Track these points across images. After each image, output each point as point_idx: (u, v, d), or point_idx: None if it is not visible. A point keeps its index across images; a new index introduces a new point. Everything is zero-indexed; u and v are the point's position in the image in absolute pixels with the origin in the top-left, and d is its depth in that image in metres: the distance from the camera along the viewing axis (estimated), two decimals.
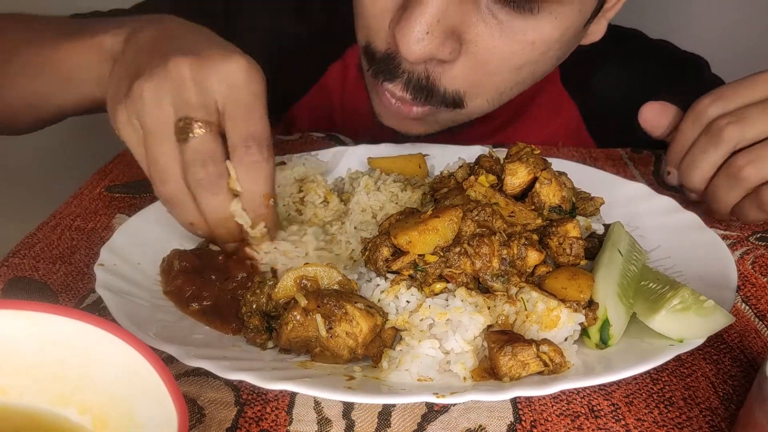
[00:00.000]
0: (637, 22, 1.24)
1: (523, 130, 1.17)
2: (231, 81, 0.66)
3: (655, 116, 0.86)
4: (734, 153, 0.77)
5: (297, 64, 1.17)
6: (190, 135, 0.65)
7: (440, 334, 0.60)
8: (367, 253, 0.65)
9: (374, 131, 1.06)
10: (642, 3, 1.68)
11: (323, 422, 0.56)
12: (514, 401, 0.58)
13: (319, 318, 0.59)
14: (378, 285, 0.64)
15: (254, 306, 0.64)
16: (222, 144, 0.67)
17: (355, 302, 0.60)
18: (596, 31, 0.92)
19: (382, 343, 0.62)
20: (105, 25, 0.80)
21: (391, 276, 0.64)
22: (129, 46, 0.74)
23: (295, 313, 0.59)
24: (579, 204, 0.76)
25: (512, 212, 0.68)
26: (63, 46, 0.83)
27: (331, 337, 0.59)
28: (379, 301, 0.63)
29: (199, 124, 0.65)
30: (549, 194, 0.70)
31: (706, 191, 0.81)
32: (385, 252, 0.64)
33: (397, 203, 0.80)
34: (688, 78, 1.18)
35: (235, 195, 0.68)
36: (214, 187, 0.66)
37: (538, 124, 1.17)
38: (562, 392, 0.59)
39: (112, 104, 0.69)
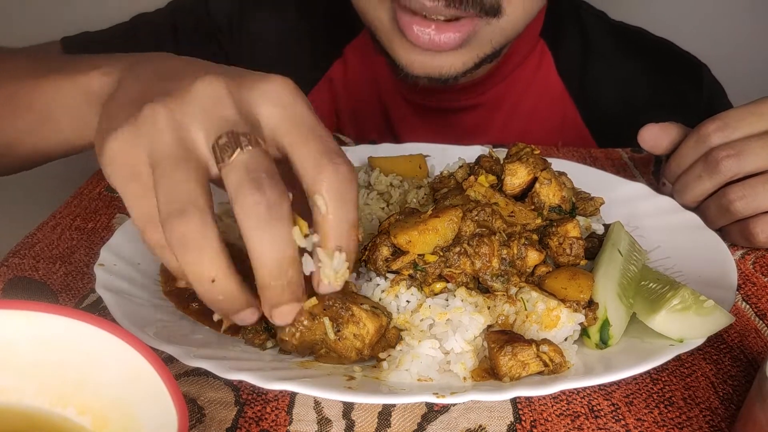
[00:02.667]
0: (644, 19, 1.25)
1: (523, 116, 1.18)
2: (279, 100, 0.54)
3: (653, 138, 0.86)
4: (729, 182, 0.78)
5: (302, 62, 1.18)
6: (237, 150, 0.50)
7: (440, 334, 0.60)
8: (366, 252, 0.65)
9: (380, 127, 1.06)
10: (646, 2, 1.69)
11: (323, 422, 0.56)
12: (514, 401, 0.58)
13: (327, 321, 0.58)
14: (378, 285, 0.64)
15: None
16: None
17: (361, 303, 0.60)
18: None
19: (387, 343, 0.61)
20: (94, 61, 0.68)
21: (390, 276, 0.64)
22: (124, 82, 0.62)
23: (302, 318, 0.59)
24: (579, 204, 0.76)
25: (512, 212, 0.68)
26: (42, 83, 0.71)
27: (339, 339, 0.58)
28: (379, 300, 0.63)
29: (248, 138, 0.51)
30: (549, 194, 0.70)
31: (696, 209, 0.81)
32: (385, 252, 0.64)
33: (395, 203, 0.80)
34: (686, 80, 1.18)
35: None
36: (277, 214, 0.49)
37: (536, 114, 1.18)
38: (562, 392, 0.59)
39: (101, 136, 0.55)
